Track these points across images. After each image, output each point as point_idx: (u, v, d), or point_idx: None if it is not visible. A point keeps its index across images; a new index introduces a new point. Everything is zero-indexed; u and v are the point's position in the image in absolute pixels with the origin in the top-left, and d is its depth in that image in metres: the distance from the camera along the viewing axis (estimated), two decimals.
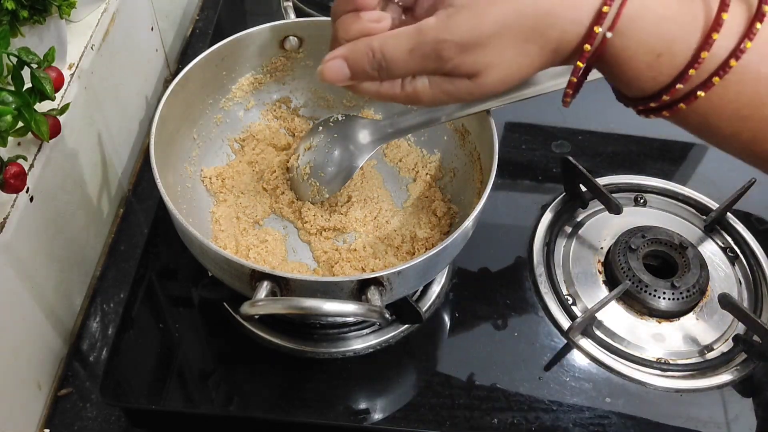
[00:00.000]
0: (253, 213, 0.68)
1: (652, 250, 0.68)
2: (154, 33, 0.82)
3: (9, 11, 0.53)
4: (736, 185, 0.72)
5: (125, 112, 0.76)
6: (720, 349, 0.64)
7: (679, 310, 0.65)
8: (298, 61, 0.72)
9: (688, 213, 0.74)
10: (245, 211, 0.68)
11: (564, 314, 0.65)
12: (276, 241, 0.66)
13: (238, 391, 0.60)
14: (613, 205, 0.69)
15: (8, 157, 0.52)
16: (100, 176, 0.70)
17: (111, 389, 0.60)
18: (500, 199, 0.74)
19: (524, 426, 0.59)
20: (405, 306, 0.61)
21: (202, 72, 0.64)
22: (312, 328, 0.63)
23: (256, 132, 0.72)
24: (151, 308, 0.65)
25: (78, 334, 0.66)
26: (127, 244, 0.72)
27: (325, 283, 0.51)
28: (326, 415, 0.59)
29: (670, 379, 0.62)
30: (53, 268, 0.62)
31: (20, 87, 0.52)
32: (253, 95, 0.72)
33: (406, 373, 0.62)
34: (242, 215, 0.67)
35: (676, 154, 0.80)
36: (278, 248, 0.65)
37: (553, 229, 0.72)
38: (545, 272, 0.69)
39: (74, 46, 0.64)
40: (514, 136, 0.81)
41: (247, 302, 0.47)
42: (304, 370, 0.61)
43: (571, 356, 0.63)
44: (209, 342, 0.64)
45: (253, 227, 0.67)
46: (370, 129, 0.65)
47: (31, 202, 0.56)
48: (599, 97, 0.49)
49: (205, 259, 0.55)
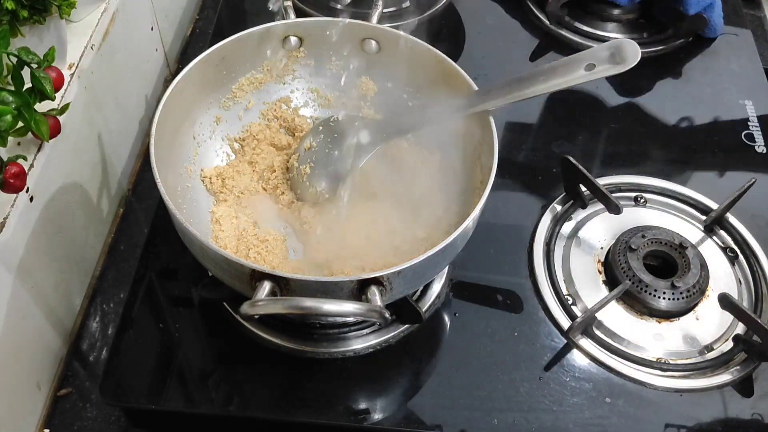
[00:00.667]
0: (253, 213, 0.68)
1: (652, 250, 0.68)
2: (154, 33, 0.82)
3: (9, 11, 0.53)
4: (736, 185, 0.72)
5: (125, 112, 0.76)
6: (720, 349, 0.64)
7: (679, 310, 0.65)
8: (298, 61, 0.72)
9: (688, 213, 0.74)
10: (245, 211, 0.68)
11: (564, 314, 0.65)
12: (276, 241, 0.66)
13: (238, 391, 0.60)
14: (613, 205, 0.69)
15: (8, 157, 0.52)
16: (100, 176, 0.70)
17: (111, 389, 0.60)
18: (500, 199, 0.74)
19: (524, 426, 0.59)
20: (405, 306, 0.61)
21: (202, 72, 0.64)
22: (312, 328, 0.63)
23: (256, 132, 0.72)
24: (151, 308, 0.65)
25: (78, 334, 0.66)
26: (127, 244, 0.72)
27: (325, 283, 0.51)
28: (326, 415, 0.59)
29: (670, 379, 0.62)
30: (53, 268, 0.62)
31: (20, 87, 0.52)
32: (253, 95, 0.72)
33: (406, 373, 0.62)
34: (242, 215, 0.67)
35: (676, 154, 0.80)
36: (278, 248, 0.65)
37: (553, 229, 0.72)
38: (545, 272, 0.69)
39: (74, 46, 0.64)
40: (514, 136, 0.81)
41: (247, 302, 0.47)
42: (304, 370, 0.61)
43: (571, 356, 0.63)
44: (209, 342, 0.64)
45: (253, 227, 0.67)
46: (369, 129, 0.65)
47: (31, 202, 0.56)
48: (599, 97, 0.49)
49: (205, 259, 0.55)
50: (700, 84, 0.88)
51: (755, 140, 0.82)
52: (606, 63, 0.56)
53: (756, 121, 0.84)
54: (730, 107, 0.85)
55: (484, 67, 0.86)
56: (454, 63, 0.65)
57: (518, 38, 0.93)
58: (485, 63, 0.88)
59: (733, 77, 0.89)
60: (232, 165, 0.70)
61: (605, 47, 0.56)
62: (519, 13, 0.95)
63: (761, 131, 0.82)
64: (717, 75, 0.89)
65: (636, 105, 0.85)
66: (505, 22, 0.94)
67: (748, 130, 0.83)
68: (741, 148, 0.81)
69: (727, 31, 0.92)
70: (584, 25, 0.93)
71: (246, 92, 0.71)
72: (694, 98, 0.86)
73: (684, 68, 0.90)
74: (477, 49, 0.90)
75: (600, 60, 0.56)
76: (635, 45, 0.55)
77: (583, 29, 0.93)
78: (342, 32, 0.69)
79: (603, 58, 0.56)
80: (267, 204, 0.69)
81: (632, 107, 0.85)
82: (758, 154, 0.80)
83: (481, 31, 0.92)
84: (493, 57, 0.90)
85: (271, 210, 0.69)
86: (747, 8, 0.99)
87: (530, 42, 0.92)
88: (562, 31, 0.92)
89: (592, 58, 0.57)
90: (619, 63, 0.55)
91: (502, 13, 0.95)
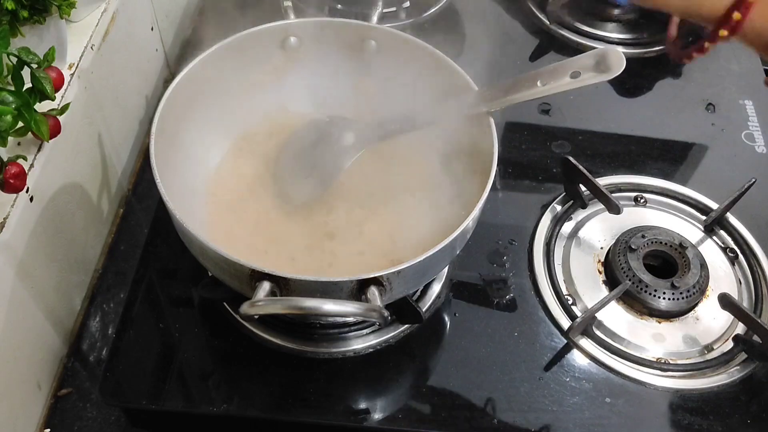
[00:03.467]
0: (253, 213, 0.68)
1: (652, 250, 0.68)
2: (154, 33, 0.82)
3: (9, 11, 0.53)
4: (736, 185, 0.72)
5: (125, 112, 0.76)
6: (720, 349, 0.64)
7: (679, 310, 0.65)
8: (298, 61, 0.72)
9: (688, 213, 0.74)
10: (245, 211, 0.68)
11: (564, 314, 0.65)
12: (276, 240, 0.66)
13: (238, 391, 0.60)
14: (613, 205, 0.69)
15: (8, 157, 0.52)
16: (100, 176, 0.70)
17: (111, 389, 0.60)
18: (500, 199, 0.74)
19: (524, 426, 0.59)
20: (405, 306, 0.60)
21: (203, 72, 0.64)
22: (312, 328, 0.63)
23: (256, 132, 0.72)
24: (151, 308, 0.65)
25: (78, 334, 0.66)
26: (127, 244, 0.72)
27: (325, 283, 0.51)
28: (326, 415, 0.59)
29: (670, 379, 0.62)
30: (53, 268, 0.62)
31: (20, 87, 0.52)
32: (253, 95, 0.72)
33: (406, 373, 0.62)
34: (242, 215, 0.67)
35: (676, 154, 0.80)
36: (278, 248, 0.65)
37: (553, 229, 0.72)
38: (545, 272, 0.69)
39: (74, 46, 0.64)
40: (514, 136, 0.81)
41: (247, 302, 0.47)
42: (304, 370, 0.61)
43: (571, 356, 0.63)
44: (209, 342, 0.64)
45: (253, 227, 0.67)
46: (356, 130, 0.65)
47: (31, 202, 0.56)
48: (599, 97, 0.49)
49: (205, 259, 0.55)
50: (700, 84, 0.88)
51: (755, 140, 0.82)
52: (591, 71, 0.56)
53: (756, 121, 0.84)
54: (730, 107, 0.85)
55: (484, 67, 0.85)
56: (454, 63, 0.65)
57: (518, 38, 0.93)
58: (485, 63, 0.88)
59: (733, 77, 0.89)
60: (232, 165, 0.70)
61: (590, 55, 0.56)
62: (519, 13, 0.95)
63: (761, 131, 0.82)
64: (717, 75, 0.89)
65: (636, 105, 0.86)
66: (505, 22, 0.94)
67: (748, 130, 0.83)
68: (741, 148, 0.81)
69: None
70: (584, 25, 0.93)
71: (246, 92, 0.71)
72: (694, 98, 0.86)
73: (684, 68, 0.90)
74: (477, 49, 0.90)
75: (585, 68, 0.56)
76: (620, 53, 0.55)
77: (583, 29, 0.93)
78: (342, 32, 0.69)
79: (588, 66, 0.56)
80: (267, 204, 0.69)
81: (632, 107, 0.85)
82: (758, 154, 0.80)
83: (481, 31, 0.92)
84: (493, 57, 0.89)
85: (270, 210, 0.69)
86: None
87: (530, 42, 0.92)
88: (562, 31, 0.92)
89: (578, 66, 0.57)
90: (604, 71, 0.55)
91: (502, 13, 0.95)
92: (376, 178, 0.71)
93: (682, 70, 0.90)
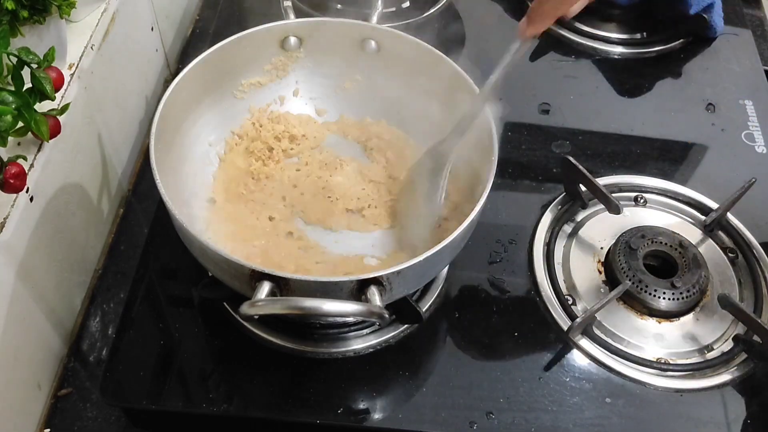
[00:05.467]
0: (253, 213, 0.68)
1: (652, 250, 0.68)
2: (154, 33, 0.82)
3: (9, 11, 0.53)
4: (736, 185, 0.72)
5: (125, 112, 0.76)
6: (720, 349, 0.64)
7: (679, 310, 0.65)
8: (298, 61, 0.72)
9: (688, 213, 0.74)
10: (245, 211, 0.68)
11: (564, 314, 0.65)
12: (276, 241, 0.66)
13: (238, 391, 0.60)
14: (613, 205, 0.69)
15: (8, 157, 0.52)
16: (100, 176, 0.70)
17: (111, 389, 0.60)
18: (500, 199, 0.74)
19: (524, 426, 0.59)
20: (405, 306, 0.60)
21: (202, 72, 0.64)
22: (312, 328, 0.63)
23: (256, 132, 0.72)
24: (151, 308, 0.65)
25: (78, 334, 0.66)
26: (127, 244, 0.72)
27: (325, 283, 0.51)
28: (326, 415, 0.59)
29: (670, 379, 0.62)
30: (53, 268, 0.62)
31: (20, 87, 0.52)
32: (253, 95, 0.72)
33: (406, 373, 0.62)
34: (242, 215, 0.67)
35: (676, 154, 0.80)
36: (278, 248, 0.65)
37: (553, 229, 0.72)
38: (545, 272, 0.69)
39: (74, 46, 0.64)
40: (514, 136, 0.81)
41: (247, 302, 0.47)
42: (304, 370, 0.61)
43: (571, 356, 0.63)
44: (209, 342, 0.64)
45: (253, 227, 0.67)
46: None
47: (31, 202, 0.56)
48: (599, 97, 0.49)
49: (205, 259, 0.55)
50: (700, 84, 0.88)
51: (755, 140, 0.82)
52: None
53: (756, 121, 0.84)
54: (730, 107, 0.85)
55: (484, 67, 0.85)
56: (454, 63, 0.65)
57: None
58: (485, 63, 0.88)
59: (733, 77, 0.89)
60: (232, 165, 0.70)
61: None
62: (519, 13, 0.95)
63: (761, 131, 0.82)
64: (717, 75, 0.89)
65: (636, 105, 0.85)
66: (505, 22, 0.94)
67: (748, 130, 0.83)
68: (741, 148, 0.81)
69: (727, 31, 0.92)
70: (584, 25, 0.93)
71: (246, 93, 0.71)
72: (694, 98, 0.86)
73: (684, 68, 0.90)
74: (477, 49, 0.90)
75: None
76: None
77: (583, 29, 0.93)
78: (342, 32, 0.69)
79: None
80: (266, 204, 0.69)
81: (632, 107, 0.85)
82: (758, 154, 0.80)
83: (481, 31, 0.92)
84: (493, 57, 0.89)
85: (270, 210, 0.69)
86: (747, 8, 0.99)
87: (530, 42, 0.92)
88: (562, 31, 0.92)
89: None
90: None
91: (502, 13, 0.95)
92: (375, 177, 0.71)
93: (682, 70, 0.90)
